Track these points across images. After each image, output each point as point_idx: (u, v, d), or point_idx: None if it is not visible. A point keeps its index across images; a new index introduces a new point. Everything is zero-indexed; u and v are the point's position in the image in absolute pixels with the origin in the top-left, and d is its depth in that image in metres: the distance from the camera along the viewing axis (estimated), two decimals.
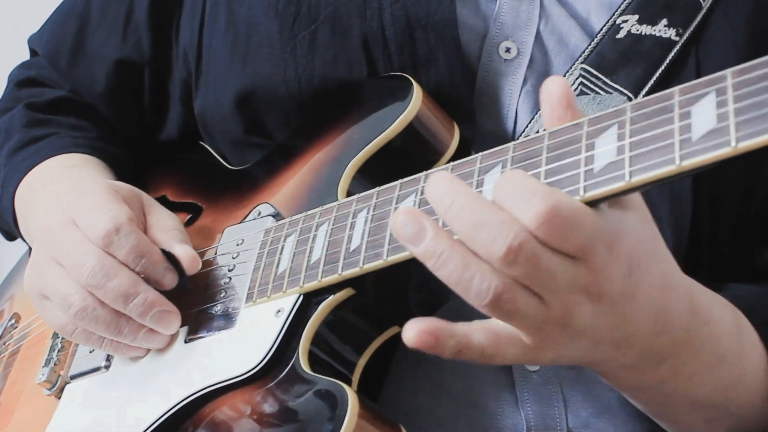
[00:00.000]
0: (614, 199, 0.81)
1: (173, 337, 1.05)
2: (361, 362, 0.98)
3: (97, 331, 1.04)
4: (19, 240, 1.31)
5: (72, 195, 1.09)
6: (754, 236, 1.07)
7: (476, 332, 0.83)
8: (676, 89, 0.79)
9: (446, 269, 0.81)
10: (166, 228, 1.08)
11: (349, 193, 1.03)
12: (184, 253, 1.05)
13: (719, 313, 0.93)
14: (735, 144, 0.74)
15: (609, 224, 0.80)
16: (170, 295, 1.04)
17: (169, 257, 1.04)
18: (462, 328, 0.82)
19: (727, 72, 0.76)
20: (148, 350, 1.06)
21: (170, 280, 1.04)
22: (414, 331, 0.81)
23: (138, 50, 1.26)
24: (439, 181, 0.82)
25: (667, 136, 0.78)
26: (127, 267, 1.03)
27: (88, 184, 1.11)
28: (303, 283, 0.97)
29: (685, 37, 1.04)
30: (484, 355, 0.83)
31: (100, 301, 1.02)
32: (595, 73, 1.05)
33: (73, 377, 1.11)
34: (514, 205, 0.78)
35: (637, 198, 0.84)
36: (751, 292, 1.02)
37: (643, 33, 1.05)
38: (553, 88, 0.84)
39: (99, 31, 1.29)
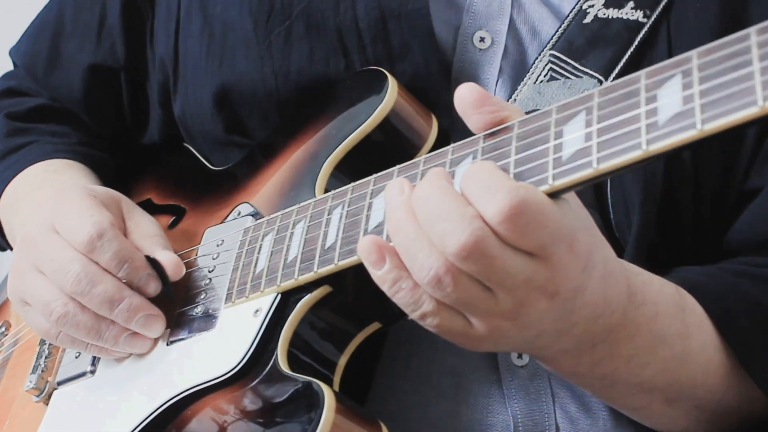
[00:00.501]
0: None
1: (155, 341, 1.04)
2: (342, 361, 0.97)
3: (79, 336, 1.04)
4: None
5: (53, 201, 1.09)
6: (733, 218, 1.06)
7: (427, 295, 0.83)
8: (642, 72, 0.78)
9: (399, 236, 0.82)
10: (148, 234, 1.07)
11: (326, 191, 1.02)
12: (168, 259, 1.04)
13: (655, 294, 0.93)
14: (701, 126, 0.73)
15: (569, 221, 0.80)
16: (152, 297, 1.04)
17: (153, 264, 1.04)
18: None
19: (693, 53, 0.75)
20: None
21: (154, 288, 1.04)
22: (369, 240, 0.83)
23: (113, 55, 1.26)
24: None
25: (633, 120, 0.77)
26: (110, 273, 1.02)
27: (68, 190, 1.11)
28: (280, 282, 0.97)
29: (652, 19, 1.03)
30: (423, 316, 0.83)
31: (81, 306, 1.02)
32: (564, 58, 1.04)
33: (60, 383, 1.11)
34: (480, 197, 0.78)
35: None
36: (701, 272, 1.01)
37: (610, 17, 1.04)
38: (464, 94, 0.85)
39: (73, 38, 1.29)
